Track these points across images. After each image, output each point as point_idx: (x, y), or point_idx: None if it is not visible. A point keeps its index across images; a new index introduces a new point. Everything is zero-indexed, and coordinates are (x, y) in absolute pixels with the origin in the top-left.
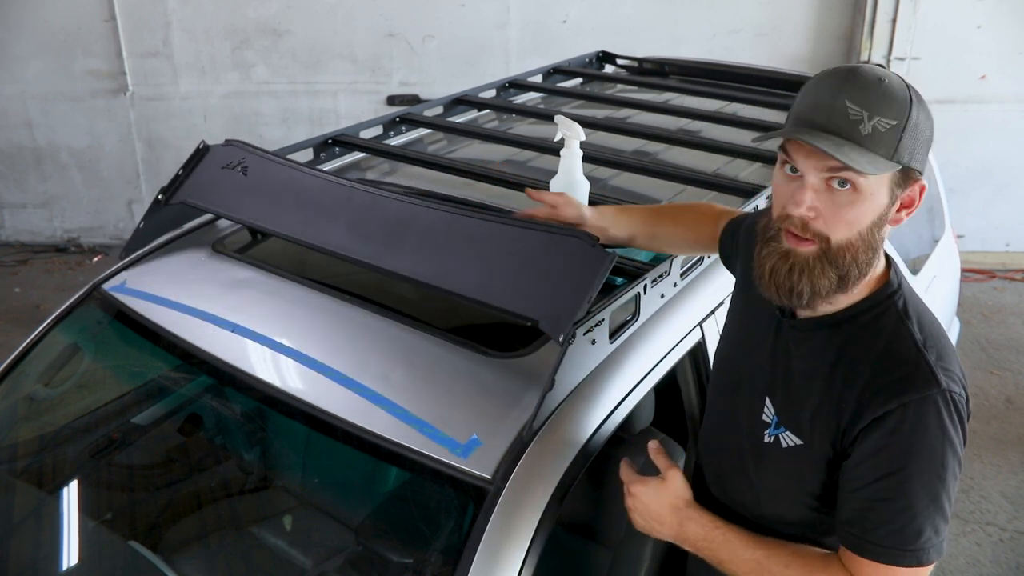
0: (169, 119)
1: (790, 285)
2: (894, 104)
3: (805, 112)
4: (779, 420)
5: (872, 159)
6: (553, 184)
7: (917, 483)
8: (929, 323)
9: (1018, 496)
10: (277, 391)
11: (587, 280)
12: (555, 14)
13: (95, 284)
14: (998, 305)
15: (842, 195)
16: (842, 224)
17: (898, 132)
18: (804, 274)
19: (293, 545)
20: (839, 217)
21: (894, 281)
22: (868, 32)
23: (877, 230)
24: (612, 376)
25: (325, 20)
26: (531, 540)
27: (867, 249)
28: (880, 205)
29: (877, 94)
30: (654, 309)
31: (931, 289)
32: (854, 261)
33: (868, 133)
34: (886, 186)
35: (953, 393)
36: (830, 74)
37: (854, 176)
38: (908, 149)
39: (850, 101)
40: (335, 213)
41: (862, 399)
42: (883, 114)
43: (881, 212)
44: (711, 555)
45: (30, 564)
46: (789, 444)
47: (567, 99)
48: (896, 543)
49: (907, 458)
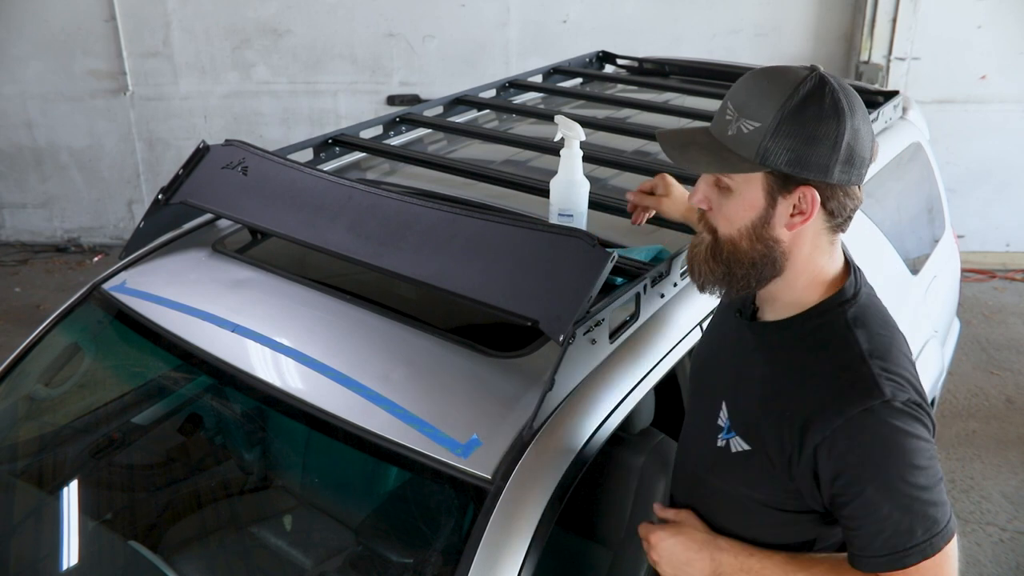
0: (169, 119)
1: (691, 271)
2: (765, 106)
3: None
4: (730, 424)
5: (727, 158)
6: (553, 184)
7: (887, 491)
8: (880, 331)
9: (1018, 496)
10: (277, 391)
11: (587, 280)
12: (555, 14)
13: (95, 284)
14: (998, 305)
15: (721, 192)
16: (722, 218)
17: (761, 134)
18: (696, 262)
19: (293, 545)
20: (719, 211)
21: (848, 289)
22: (868, 32)
23: (763, 231)
24: (612, 376)
25: (325, 20)
26: (531, 540)
27: (757, 249)
28: (755, 206)
29: (756, 96)
30: (654, 309)
31: (931, 289)
32: (740, 259)
33: (732, 134)
34: (760, 188)
35: (897, 401)
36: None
37: (723, 176)
38: (776, 153)
39: (732, 101)
40: (335, 213)
41: (808, 414)
42: (750, 116)
43: (759, 213)
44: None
45: (30, 564)
46: (738, 449)
47: (567, 99)
48: (894, 548)
49: (868, 471)
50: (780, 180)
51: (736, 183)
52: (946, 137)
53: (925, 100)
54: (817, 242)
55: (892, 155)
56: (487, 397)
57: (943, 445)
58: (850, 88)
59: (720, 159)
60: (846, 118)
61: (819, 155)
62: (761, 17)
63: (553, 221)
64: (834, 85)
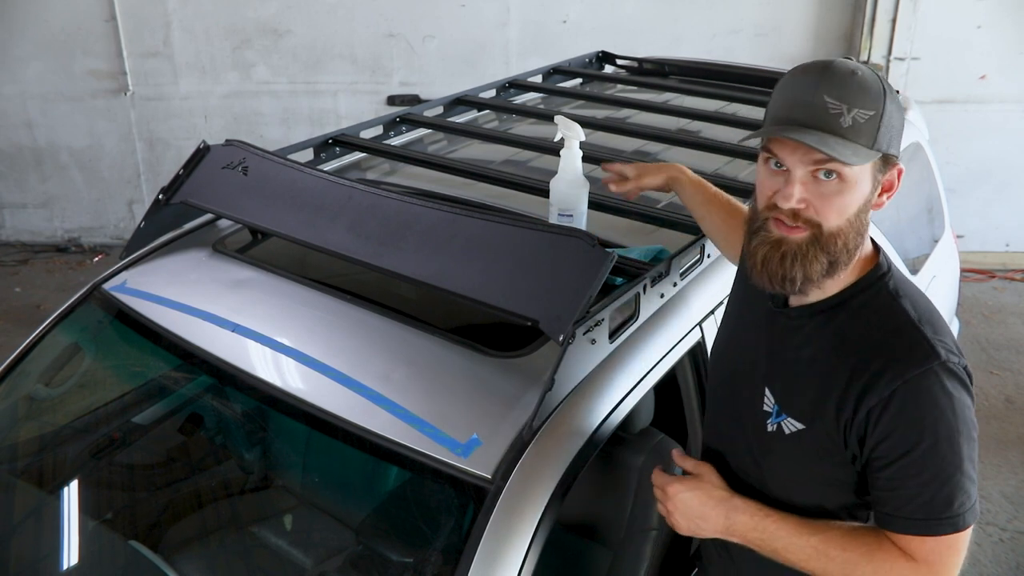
0: (169, 119)
1: (783, 272)
2: (869, 95)
3: (784, 109)
4: (780, 408)
5: (855, 149)
6: (553, 184)
7: (935, 454)
8: (922, 301)
9: (1018, 496)
10: (277, 391)
11: (587, 280)
12: (555, 14)
13: (95, 284)
14: (998, 305)
15: (829, 185)
16: (833, 212)
17: (876, 121)
18: (796, 260)
19: (293, 545)
20: (829, 205)
21: (883, 263)
22: (868, 32)
23: (863, 215)
24: (612, 376)
25: (325, 20)
26: (531, 540)
27: (856, 235)
28: (865, 192)
29: (853, 87)
30: (654, 309)
31: (931, 289)
32: (844, 247)
33: (849, 125)
34: (869, 173)
35: (951, 363)
36: (804, 70)
37: (840, 167)
38: (886, 137)
39: (828, 96)
40: (335, 213)
41: (866, 380)
42: (861, 105)
43: (866, 198)
44: (763, 545)
45: (31, 564)
46: (792, 430)
47: (567, 99)
48: (931, 514)
49: (921, 432)
50: (882, 162)
51: (854, 172)
52: (946, 137)
53: (925, 100)
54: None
55: None
56: (487, 397)
57: None
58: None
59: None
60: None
61: (899, 134)
62: (761, 17)
63: (553, 221)
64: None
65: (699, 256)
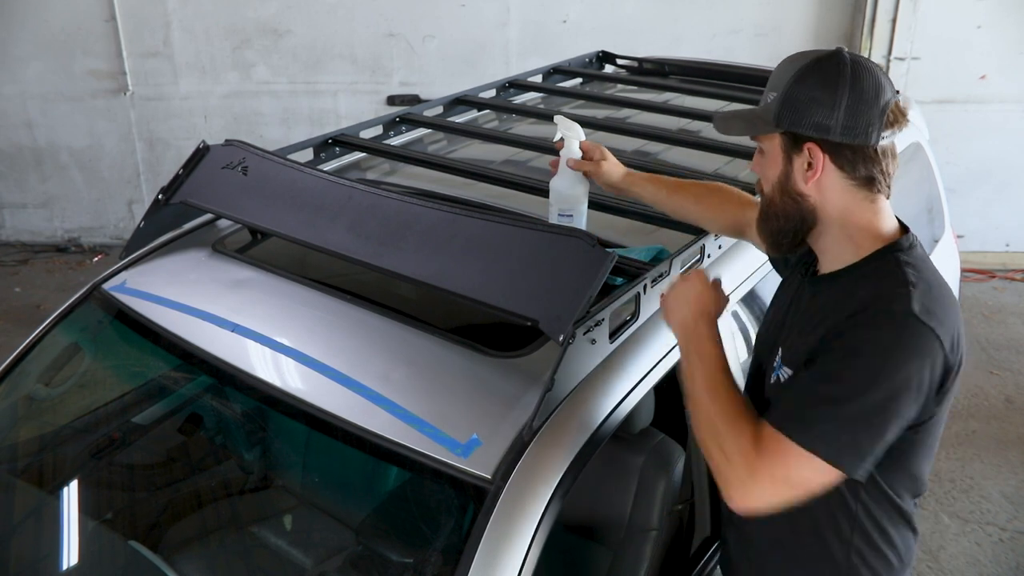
0: (169, 119)
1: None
2: (782, 79)
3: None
4: (781, 361)
5: (753, 124)
6: (553, 184)
7: (838, 378)
8: (931, 279)
9: (1018, 496)
10: (277, 391)
11: (587, 280)
12: (555, 14)
13: (95, 284)
14: (998, 305)
15: (759, 155)
16: (764, 180)
17: (778, 102)
18: (758, 226)
19: (293, 545)
20: (760, 173)
21: (904, 243)
22: (868, 32)
23: (787, 186)
24: (612, 376)
25: (325, 20)
26: (531, 540)
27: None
28: (777, 162)
29: (781, 72)
30: (654, 309)
31: None
32: (776, 214)
33: (763, 104)
34: (778, 146)
35: (922, 324)
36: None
37: (760, 140)
38: (787, 116)
39: (769, 81)
40: (335, 213)
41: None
42: (772, 88)
43: (781, 168)
44: (688, 369)
45: (31, 564)
46: (784, 378)
47: (567, 99)
48: (794, 411)
49: (842, 354)
50: (791, 139)
51: (765, 145)
52: (946, 137)
53: (925, 100)
54: (849, 197)
55: None
56: (487, 397)
57: (943, 445)
58: (868, 63)
59: (748, 124)
60: (847, 83)
61: (820, 116)
62: (761, 17)
63: (553, 221)
64: (846, 58)
65: (699, 256)
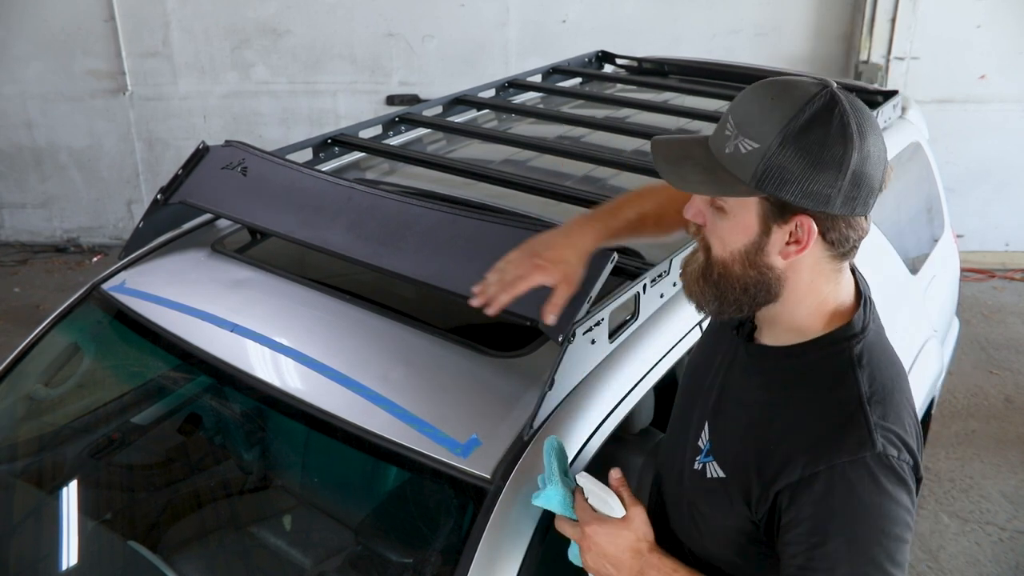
0: (169, 119)
1: (685, 289)
2: (766, 126)
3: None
4: (710, 448)
5: (722, 180)
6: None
7: (850, 553)
8: (886, 374)
9: (1018, 496)
10: (277, 391)
11: (587, 280)
12: (555, 14)
13: (95, 284)
14: (998, 305)
15: (716, 211)
16: (715, 239)
17: (759, 157)
18: (688, 281)
19: (293, 545)
20: (713, 230)
21: (857, 324)
22: (868, 32)
23: (756, 257)
24: (612, 376)
25: (325, 20)
26: (531, 540)
27: (749, 274)
28: (749, 230)
29: (758, 113)
30: (654, 309)
31: (930, 289)
32: (731, 283)
33: (730, 152)
34: (754, 212)
35: (889, 456)
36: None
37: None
38: (772, 179)
39: (732, 115)
40: (335, 213)
41: (788, 452)
42: (750, 135)
43: (752, 239)
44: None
45: (30, 564)
46: (713, 475)
47: (567, 99)
48: None
49: (839, 526)
50: (776, 207)
51: (730, 205)
52: (945, 137)
53: (924, 100)
54: (819, 269)
55: (891, 155)
56: (487, 397)
57: (943, 445)
58: (864, 108)
59: (715, 179)
60: (854, 144)
61: (821, 183)
62: (761, 17)
63: None
64: (845, 106)
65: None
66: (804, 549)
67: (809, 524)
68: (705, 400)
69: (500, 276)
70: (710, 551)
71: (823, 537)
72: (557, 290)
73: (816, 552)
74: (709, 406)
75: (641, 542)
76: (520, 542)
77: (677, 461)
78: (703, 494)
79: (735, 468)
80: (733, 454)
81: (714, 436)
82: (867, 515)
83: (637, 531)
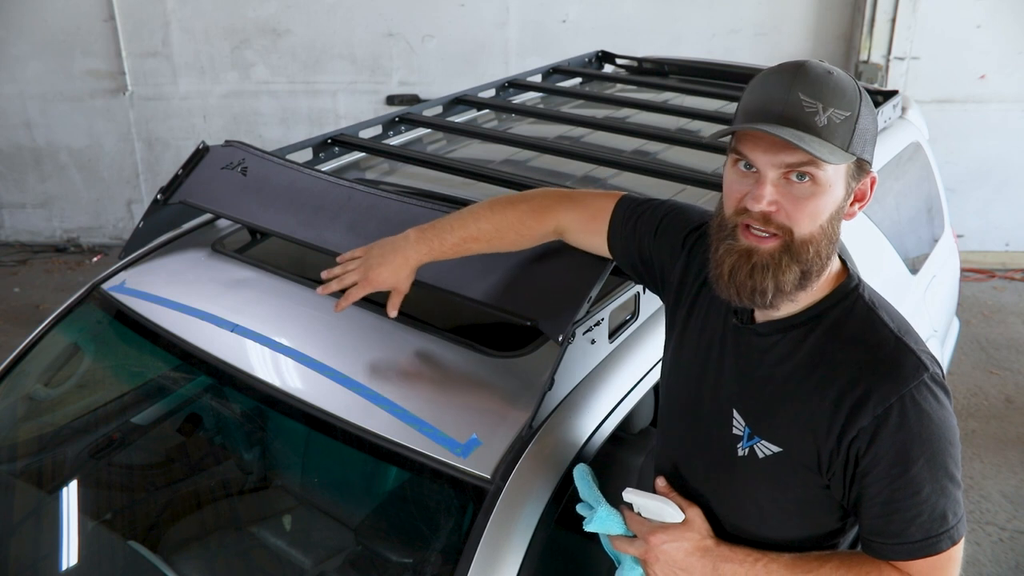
0: (168, 119)
1: (752, 285)
2: (845, 96)
3: (757, 106)
4: (752, 431)
5: (832, 150)
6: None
7: (932, 468)
8: (892, 309)
9: (1018, 496)
10: (277, 391)
11: (587, 280)
12: (555, 14)
13: (95, 284)
14: (998, 305)
15: (802, 188)
16: (805, 217)
17: (852, 123)
18: (768, 271)
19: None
20: (802, 209)
21: (854, 275)
22: (867, 32)
23: (836, 223)
24: (611, 376)
25: (324, 20)
26: (531, 540)
27: (828, 243)
28: (838, 197)
29: (829, 86)
30: (653, 309)
31: (930, 288)
32: (817, 255)
33: (824, 124)
34: (843, 178)
35: (936, 374)
36: (778, 69)
37: (813, 169)
38: (860, 141)
39: (803, 93)
40: (335, 213)
41: (856, 399)
42: (836, 105)
43: (839, 205)
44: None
45: (30, 564)
46: (766, 453)
47: (567, 99)
48: (929, 532)
49: (919, 449)
50: (856, 168)
51: (827, 175)
52: (945, 137)
53: (924, 100)
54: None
55: (891, 155)
56: (487, 397)
57: None
58: None
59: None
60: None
61: (872, 141)
62: (761, 17)
63: None
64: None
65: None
66: (887, 483)
67: (890, 456)
68: (719, 394)
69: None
70: (766, 535)
71: (906, 464)
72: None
73: (899, 482)
74: (730, 396)
75: (706, 539)
76: (520, 542)
77: (699, 462)
78: (760, 474)
79: (788, 439)
80: (783, 426)
81: (751, 419)
82: (938, 430)
83: (700, 530)
